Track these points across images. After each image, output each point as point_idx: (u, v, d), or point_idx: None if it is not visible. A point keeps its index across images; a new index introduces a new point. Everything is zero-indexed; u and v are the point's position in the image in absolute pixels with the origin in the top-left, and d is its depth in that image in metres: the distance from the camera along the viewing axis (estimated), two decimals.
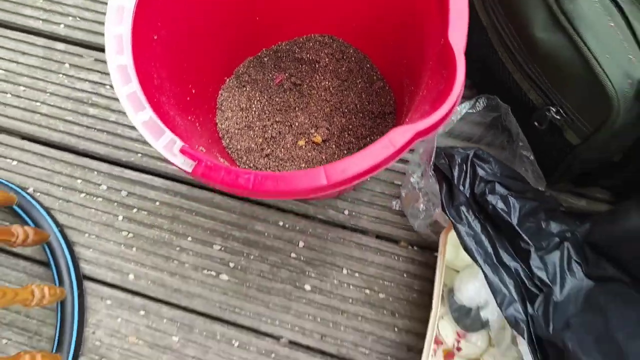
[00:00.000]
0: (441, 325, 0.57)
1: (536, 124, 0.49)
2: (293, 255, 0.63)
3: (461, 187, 0.48)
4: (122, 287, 0.64)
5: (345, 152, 0.63)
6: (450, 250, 0.57)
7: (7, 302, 0.53)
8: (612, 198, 0.61)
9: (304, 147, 0.63)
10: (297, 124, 0.64)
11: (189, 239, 0.65)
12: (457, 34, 0.39)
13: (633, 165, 0.48)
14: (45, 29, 0.74)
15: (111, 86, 0.71)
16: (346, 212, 0.64)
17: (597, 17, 0.40)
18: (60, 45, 0.73)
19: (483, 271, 0.45)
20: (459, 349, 0.57)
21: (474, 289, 0.51)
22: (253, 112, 0.64)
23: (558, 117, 0.45)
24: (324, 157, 0.62)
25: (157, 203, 0.66)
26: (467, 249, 0.46)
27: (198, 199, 0.66)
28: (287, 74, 0.66)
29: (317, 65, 0.66)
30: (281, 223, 0.65)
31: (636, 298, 0.39)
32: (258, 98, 0.65)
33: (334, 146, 0.63)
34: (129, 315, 0.63)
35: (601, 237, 0.44)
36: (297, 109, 0.65)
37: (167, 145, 0.40)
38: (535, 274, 0.44)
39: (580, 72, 0.41)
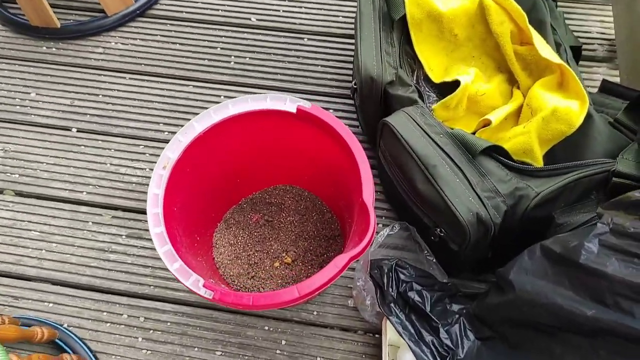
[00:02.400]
0: None
1: (432, 238, 0.74)
2: (278, 351, 0.83)
3: (389, 289, 0.71)
4: None
5: (309, 267, 0.86)
6: (392, 331, 0.78)
7: None
8: None
9: (278, 267, 0.86)
10: (272, 251, 0.87)
11: (196, 349, 0.84)
12: (367, 194, 0.65)
13: (499, 258, 0.72)
14: (71, 197, 0.97)
15: (126, 236, 0.93)
16: (315, 312, 0.86)
17: (449, 176, 0.67)
18: (84, 208, 0.96)
19: (409, 346, 0.66)
20: None
21: (410, 357, 0.72)
22: (239, 246, 0.87)
23: (442, 234, 0.71)
24: (294, 274, 0.85)
25: (169, 324, 0.86)
26: (398, 332, 0.68)
27: (200, 316, 0.86)
28: (261, 214, 0.90)
29: (282, 206, 0.91)
30: (267, 327, 0.85)
31: (501, 347, 0.62)
32: (241, 235, 0.88)
33: (300, 264, 0.86)
34: None
35: (480, 310, 0.67)
36: (270, 239, 0.88)
37: (193, 283, 0.61)
38: (443, 342, 0.66)
39: (444, 209, 0.67)
